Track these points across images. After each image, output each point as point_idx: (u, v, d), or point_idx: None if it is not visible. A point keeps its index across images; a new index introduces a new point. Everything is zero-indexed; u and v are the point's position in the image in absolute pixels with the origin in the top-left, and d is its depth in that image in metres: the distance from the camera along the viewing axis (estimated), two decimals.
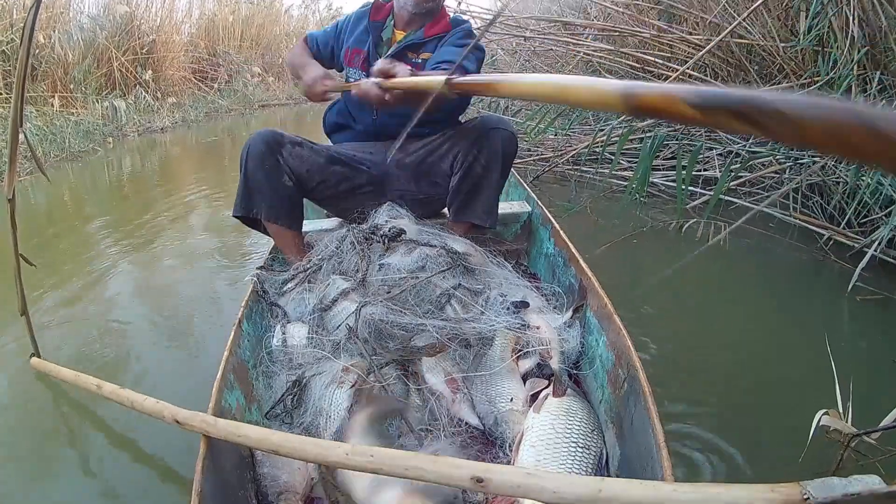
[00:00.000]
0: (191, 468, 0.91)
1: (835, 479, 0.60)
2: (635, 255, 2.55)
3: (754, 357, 1.79)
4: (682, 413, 1.48)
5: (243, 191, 1.73)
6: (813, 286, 2.34)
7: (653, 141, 2.52)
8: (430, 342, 1.28)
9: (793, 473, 0.71)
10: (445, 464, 0.79)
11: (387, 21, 1.84)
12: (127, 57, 6.09)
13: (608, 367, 1.22)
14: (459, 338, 1.31)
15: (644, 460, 0.94)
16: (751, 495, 0.62)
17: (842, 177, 2.53)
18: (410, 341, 1.28)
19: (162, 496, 1.26)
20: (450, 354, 1.29)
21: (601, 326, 1.32)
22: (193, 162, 4.98)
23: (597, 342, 1.33)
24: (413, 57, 1.79)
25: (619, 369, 1.18)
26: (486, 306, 1.39)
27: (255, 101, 8.18)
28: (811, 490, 0.60)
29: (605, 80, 0.64)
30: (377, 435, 1.11)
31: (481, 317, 1.35)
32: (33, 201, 3.55)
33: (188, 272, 2.49)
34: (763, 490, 0.62)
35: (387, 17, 1.84)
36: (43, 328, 1.91)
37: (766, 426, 1.46)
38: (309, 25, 10.93)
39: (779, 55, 2.94)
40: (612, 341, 1.25)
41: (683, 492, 0.65)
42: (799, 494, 0.60)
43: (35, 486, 1.33)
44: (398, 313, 1.33)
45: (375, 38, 1.83)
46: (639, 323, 1.95)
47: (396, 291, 1.39)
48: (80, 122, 4.96)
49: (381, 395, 1.19)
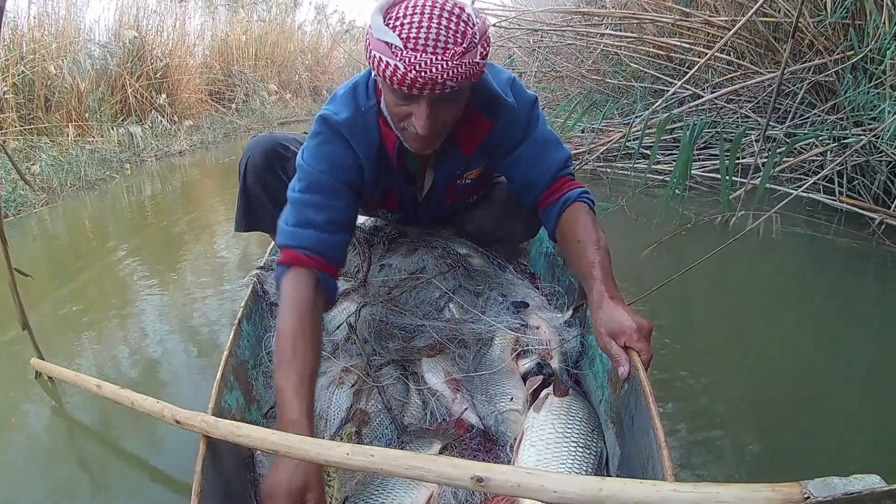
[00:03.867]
0: (191, 468, 0.94)
1: (835, 479, 0.60)
2: (682, 252, 2.52)
3: (811, 352, 1.78)
4: (732, 409, 1.48)
5: (244, 206, 1.68)
6: (867, 273, 2.29)
7: (692, 129, 2.47)
8: (429, 343, 1.31)
9: None
10: (445, 464, 0.81)
11: (406, 155, 1.32)
12: (141, 82, 6.35)
13: (608, 366, 1.23)
14: (459, 338, 1.35)
15: (644, 460, 0.95)
16: (751, 495, 0.63)
17: (886, 154, 2.48)
18: (410, 342, 1.32)
19: (162, 496, 1.32)
20: (450, 354, 1.33)
21: None
22: (213, 183, 5.16)
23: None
24: (460, 180, 1.44)
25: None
26: (486, 306, 1.42)
27: (274, 118, 8.42)
28: (811, 489, 0.61)
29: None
30: None
31: (481, 317, 1.38)
32: (52, 230, 3.72)
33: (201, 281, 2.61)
34: (763, 489, 0.63)
35: (404, 155, 1.32)
36: (63, 349, 2.01)
37: (829, 426, 1.45)
38: (322, 40, 11.23)
39: (808, 31, 2.91)
40: None
41: (683, 491, 0.66)
42: (799, 493, 0.61)
43: (35, 486, 1.41)
44: (398, 314, 1.36)
45: (403, 179, 1.41)
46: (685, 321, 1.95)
47: (397, 293, 1.43)
48: (95, 150, 5.18)
49: None
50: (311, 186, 1.23)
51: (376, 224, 1.67)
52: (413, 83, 1.01)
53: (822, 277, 2.32)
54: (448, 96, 1.06)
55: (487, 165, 1.41)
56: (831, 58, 2.81)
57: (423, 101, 1.06)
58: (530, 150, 1.31)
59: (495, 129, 1.30)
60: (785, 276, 2.35)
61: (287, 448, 0.94)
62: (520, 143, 1.31)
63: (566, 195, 1.29)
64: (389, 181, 1.38)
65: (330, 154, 1.25)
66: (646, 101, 3.87)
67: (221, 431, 0.98)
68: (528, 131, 1.31)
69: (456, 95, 1.08)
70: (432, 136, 1.15)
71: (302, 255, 1.16)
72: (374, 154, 1.27)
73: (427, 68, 0.99)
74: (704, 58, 3.10)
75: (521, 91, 1.32)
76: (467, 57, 1.02)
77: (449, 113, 1.12)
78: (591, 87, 4.49)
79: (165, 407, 1.09)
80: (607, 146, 3.58)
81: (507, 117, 1.29)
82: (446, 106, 1.10)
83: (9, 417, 1.67)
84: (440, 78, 1.00)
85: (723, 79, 3.46)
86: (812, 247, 2.51)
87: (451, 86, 1.01)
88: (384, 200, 1.48)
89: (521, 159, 1.32)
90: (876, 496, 0.58)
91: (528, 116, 1.31)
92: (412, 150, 1.22)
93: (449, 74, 1.00)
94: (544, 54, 4.85)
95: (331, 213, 1.21)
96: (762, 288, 2.28)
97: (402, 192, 1.45)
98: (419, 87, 1.01)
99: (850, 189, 2.75)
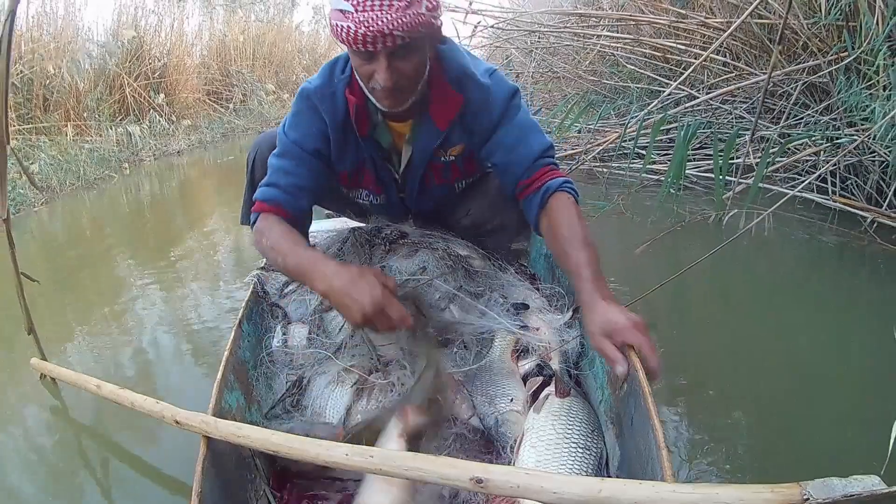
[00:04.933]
0: (191, 468, 0.94)
1: (834, 480, 0.61)
2: (676, 251, 2.55)
3: (804, 351, 1.79)
4: (731, 410, 1.49)
5: (251, 198, 1.62)
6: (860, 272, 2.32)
7: (687, 129, 2.49)
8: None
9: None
10: (445, 464, 0.81)
11: (374, 126, 1.41)
12: (139, 82, 6.34)
13: (608, 367, 1.24)
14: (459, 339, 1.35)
15: (644, 460, 0.95)
16: (750, 496, 0.64)
17: (879, 154, 2.50)
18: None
19: (162, 497, 1.32)
20: (450, 355, 1.32)
21: None
22: (212, 182, 5.17)
23: None
24: (442, 156, 1.46)
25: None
26: (487, 307, 1.42)
27: (271, 118, 8.40)
28: (811, 490, 0.61)
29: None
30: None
31: (481, 318, 1.38)
32: (50, 229, 3.71)
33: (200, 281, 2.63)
34: (762, 490, 0.64)
35: (370, 121, 1.39)
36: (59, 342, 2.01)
37: (823, 425, 1.46)
38: (320, 40, 11.21)
39: (802, 32, 2.92)
40: None
41: (683, 492, 0.67)
42: (798, 495, 0.62)
43: (35, 486, 1.42)
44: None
45: (376, 152, 1.45)
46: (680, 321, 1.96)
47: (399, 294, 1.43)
48: (94, 149, 5.17)
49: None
50: (284, 153, 1.39)
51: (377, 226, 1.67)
52: (365, 39, 1.12)
53: (815, 274, 2.34)
54: (403, 50, 1.17)
55: (469, 145, 1.44)
56: (825, 59, 2.82)
57: (381, 56, 1.17)
58: (509, 135, 1.36)
59: (469, 106, 1.36)
60: (778, 273, 2.37)
61: (287, 448, 0.95)
62: (497, 126, 1.37)
63: (546, 184, 1.32)
64: (359, 152, 1.44)
65: (300, 123, 1.38)
66: (642, 102, 3.88)
67: (221, 432, 0.99)
68: (506, 117, 1.36)
69: (411, 49, 1.18)
70: (396, 91, 1.23)
71: (268, 206, 1.35)
72: (340, 120, 1.37)
73: (374, 23, 1.10)
74: (699, 59, 3.11)
75: (501, 80, 1.39)
76: (412, 9, 1.11)
77: (407, 66, 1.21)
78: (588, 87, 4.49)
79: (165, 407, 1.10)
80: (603, 146, 3.58)
81: (480, 96, 1.35)
82: (404, 60, 1.19)
83: (9, 417, 1.67)
84: (387, 29, 1.10)
85: (718, 80, 3.47)
86: (805, 244, 2.53)
87: (400, 36, 1.11)
88: (359, 176, 1.52)
89: (500, 144, 1.37)
90: (875, 498, 0.59)
91: (506, 103, 1.36)
92: (383, 108, 1.29)
93: (395, 25, 1.09)
94: (541, 55, 4.85)
95: (294, 178, 1.36)
96: (756, 285, 2.30)
97: (377, 168, 1.48)
98: (371, 41, 1.12)
99: (843, 188, 2.77)
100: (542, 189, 1.32)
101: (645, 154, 3.23)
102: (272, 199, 1.35)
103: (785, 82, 3.12)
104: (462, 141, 1.43)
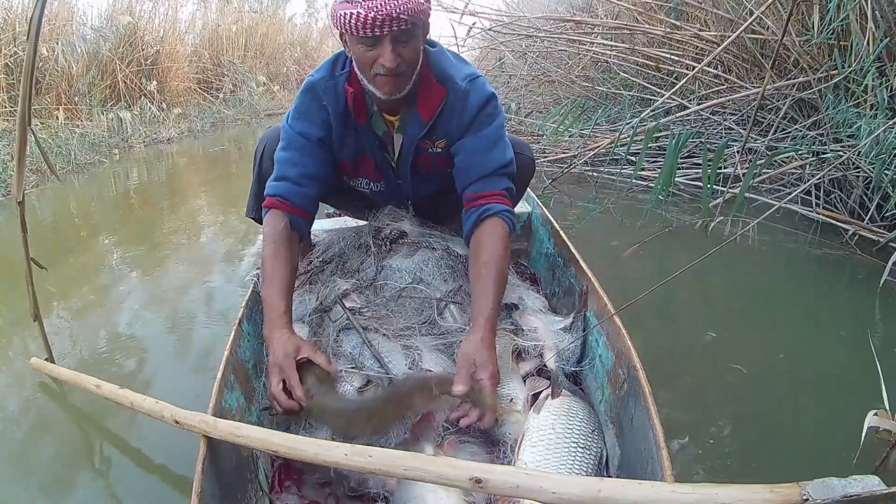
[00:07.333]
0: (191, 469, 0.94)
1: (834, 480, 0.61)
2: (663, 255, 2.57)
3: (787, 355, 1.80)
4: (719, 412, 1.50)
5: (258, 191, 1.64)
6: (840, 282, 2.35)
7: (678, 138, 2.53)
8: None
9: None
10: (445, 464, 0.81)
11: (371, 115, 1.47)
12: (131, 68, 6.25)
13: (608, 367, 1.25)
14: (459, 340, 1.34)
15: (644, 460, 0.96)
16: (750, 496, 0.64)
17: (863, 170, 2.54)
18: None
19: (162, 497, 1.30)
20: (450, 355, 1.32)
21: (601, 326, 1.34)
22: (200, 172, 5.10)
23: (597, 342, 1.35)
24: (430, 147, 1.50)
25: (618, 369, 1.20)
26: None
27: (261, 110, 8.33)
28: (810, 491, 0.61)
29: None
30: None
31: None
32: (40, 214, 3.65)
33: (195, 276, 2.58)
34: (762, 490, 0.64)
35: (367, 111, 1.46)
36: (53, 335, 1.98)
37: (804, 426, 1.48)
38: (312, 34, 11.12)
39: (794, 49, 2.96)
40: (612, 341, 1.28)
41: (682, 492, 0.67)
42: (798, 495, 0.61)
43: (34, 486, 1.38)
44: (399, 337, 1.35)
45: (374, 140, 1.50)
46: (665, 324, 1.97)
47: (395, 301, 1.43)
48: (85, 134, 5.09)
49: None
50: (288, 145, 1.44)
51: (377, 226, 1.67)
52: (374, 22, 1.20)
53: (798, 282, 2.37)
54: (404, 34, 1.25)
55: (449, 141, 1.49)
56: (815, 76, 2.86)
57: (385, 40, 1.24)
58: (474, 142, 1.42)
59: (447, 102, 1.42)
60: (762, 280, 2.40)
61: (287, 448, 0.94)
62: (465, 132, 1.43)
63: (487, 206, 1.38)
64: (359, 142, 1.49)
65: (304, 114, 1.44)
66: (634, 110, 3.90)
67: (221, 432, 0.98)
68: (475, 125, 1.42)
69: (410, 35, 1.27)
70: (399, 75, 1.30)
71: (276, 201, 1.40)
72: (340, 109, 1.43)
73: (383, 6, 1.19)
74: (692, 71, 3.14)
75: (479, 87, 1.43)
76: None
77: (408, 50, 1.28)
78: (580, 92, 4.51)
79: (165, 407, 1.09)
80: (595, 151, 3.61)
81: (455, 98, 1.41)
82: (405, 45, 1.27)
83: (9, 417, 1.63)
84: (395, 13, 1.19)
85: (709, 91, 3.51)
86: (789, 253, 2.57)
87: (405, 20, 1.21)
88: (360, 165, 1.56)
89: (463, 148, 1.43)
90: (875, 498, 0.59)
91: (478, 110, 1.42)
92: (383, 95, 1.33)
93: (402, 9, 1.19)
94: (535, 59, 4.86)
95: (302, 168, 1.42)
96: (740, 292, 2.32)
97: (375, 157, 1.53)
98: (380, 24, 1.20)
99: (827, 202, 2.81)
100: (483, 208, 1.38)
101: (636, 161, 3.26)
102: (279, 194, 1.40)
103: (775, 97, 3.16)
104: (444, 136, 1.48)
